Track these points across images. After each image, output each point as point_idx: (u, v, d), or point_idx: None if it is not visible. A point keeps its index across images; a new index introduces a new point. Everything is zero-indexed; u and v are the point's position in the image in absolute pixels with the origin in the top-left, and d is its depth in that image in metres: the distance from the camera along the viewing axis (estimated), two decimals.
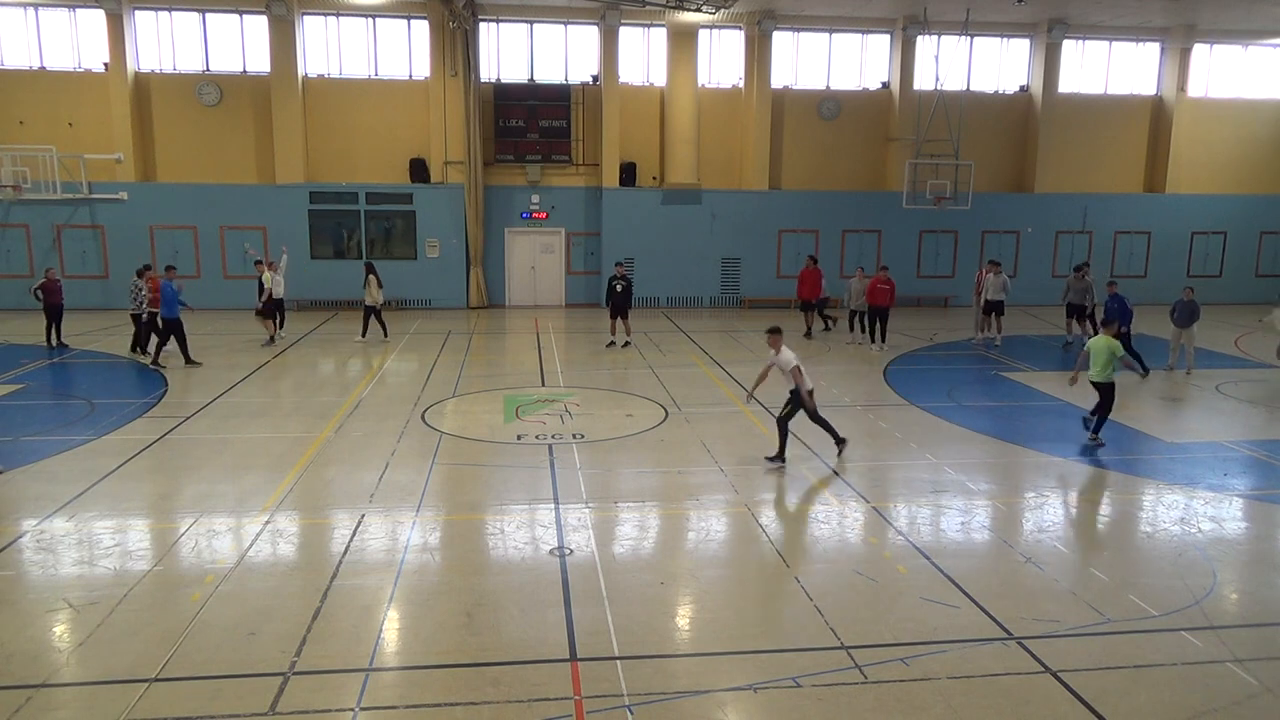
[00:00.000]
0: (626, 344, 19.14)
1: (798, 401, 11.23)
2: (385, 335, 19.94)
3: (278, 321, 19.75)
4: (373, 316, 19.68)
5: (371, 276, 19.54)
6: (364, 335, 19.69)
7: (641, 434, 12.79)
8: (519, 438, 12.50)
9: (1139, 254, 27.59)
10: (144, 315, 17.53)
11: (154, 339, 17.24)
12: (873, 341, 19.40)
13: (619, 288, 19.05)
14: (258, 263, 20.11)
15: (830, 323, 21.71)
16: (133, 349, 17.83)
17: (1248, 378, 17.04)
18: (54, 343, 18.47)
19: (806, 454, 11.86)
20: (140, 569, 8.11)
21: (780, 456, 11.31)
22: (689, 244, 25.56)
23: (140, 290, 17.51)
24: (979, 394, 15.85)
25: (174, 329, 16.64)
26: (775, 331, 11.45)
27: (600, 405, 14.40)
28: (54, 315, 18.43)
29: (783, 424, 11.37)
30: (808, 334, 20.85)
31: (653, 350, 19.12)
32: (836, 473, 11.11)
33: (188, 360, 16.76)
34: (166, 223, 24.00)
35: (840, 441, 11.62)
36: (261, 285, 19.12)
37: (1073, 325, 20.53)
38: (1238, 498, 10.47)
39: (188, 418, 13.31)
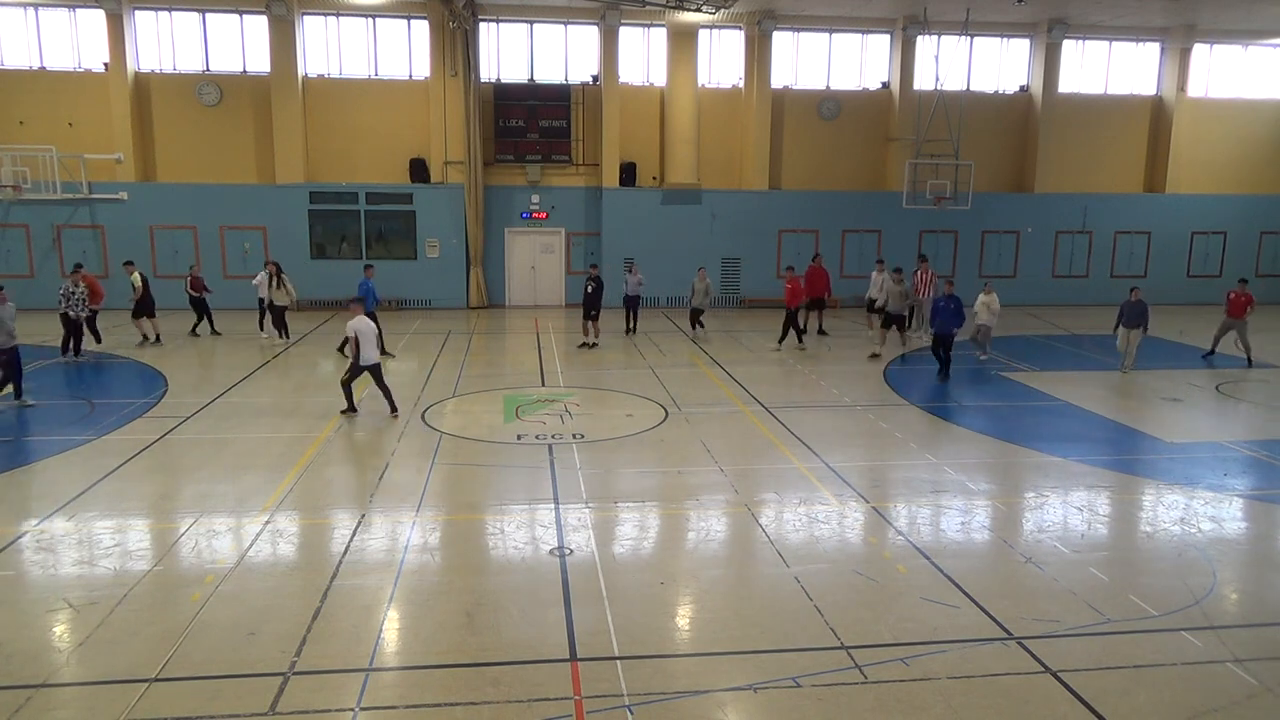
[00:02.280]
0: (594, 345, 19.12)
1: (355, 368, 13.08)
2: (285, 336, 19.45)
3: (284, 332, 19.68)
4: (270, 314, 19.38)
5: (284, 276, 19.18)
6: (287, 335, 19.46)
7: (641, 434, 12.79)
8: (519, 438, 12.50)
9: (1139, 254, 27.59)
10: (81, 314, 17.34)
11: (81, 336, 17.44)
12: (780, 342, 19.29)
13: (590, 288, 19.07)
14: (127, 263, 19.85)
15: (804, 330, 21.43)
16: (74, 351, 17.43)
17: (1248, 378, 17.04)
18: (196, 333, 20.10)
19: (807, 454, 11.86)
20: (140, 569, 8.11)
21: (353, 409, 13.32)
22: (689, 244, 25.55)
23: (73, 292, 17.25)
24: (979, 394, 15.84)
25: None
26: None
27: (600, 405, 14.40)
28: (200, 309, 19.98)
29: (345, 385, 13.28)
30: (801, 335, 19.72)
31: (653, 350, 19.12)
32: (836, 471, 11.11)
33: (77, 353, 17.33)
34: (166, 223, 24.01)
35: (392, 410, 13.30)
36: (133, 287, 19.00)
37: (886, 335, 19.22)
38: (1238, 498, 10.47)
39: (188, 418, 13.31)
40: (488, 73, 24.96)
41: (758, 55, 25.32)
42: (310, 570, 8.21)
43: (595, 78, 25.38)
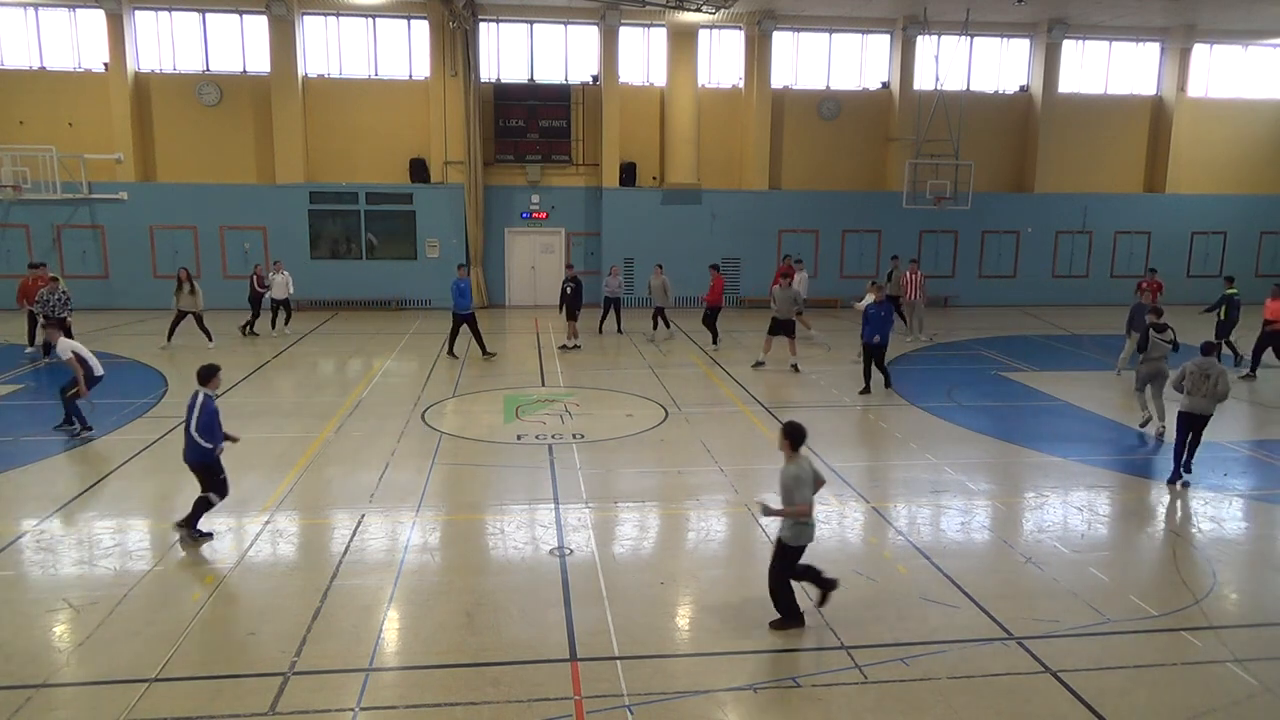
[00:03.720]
0: (576, 346, 19.04)
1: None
2: (211, 340, 18.67)
3: (285, 319, 20.52)
4: (184, 319, 18.76)
5: (195, 283, 18.72)
6: (212, 340, 18.62)
7: (641, 434, 12.79)
8: (519, 438, 12.50)
9: (1139, 254, 27.57)
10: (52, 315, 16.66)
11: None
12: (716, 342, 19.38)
13: (568, 289, 19.03)
14: (276, 263, 20.96)
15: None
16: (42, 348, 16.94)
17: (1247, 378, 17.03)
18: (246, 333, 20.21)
19: (806, 453, 11.83)
20: (140, 569, 8.11)
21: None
22: (689, 244, 25.54)
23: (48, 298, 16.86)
24: (979, 394, 15.83)
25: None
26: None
27: (600, 405, 14.40)
28: (257, 305, 20.13)
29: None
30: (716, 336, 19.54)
31: (653, 350, 19.12)
32: (836, 472, 11.11)
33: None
34: (166, 223, 24.00)
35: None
36: (257, 284, 20.06)
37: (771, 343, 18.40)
38: (1238, 498, 10.47)
39: None
40: (488, 73, 24.96)
41: (758, 55, 25.32)
42: (310, 570, 8.21)
43: (595, 78, 25.38)
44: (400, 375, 16.63)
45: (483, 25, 24.48)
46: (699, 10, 23.12)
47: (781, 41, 25.91)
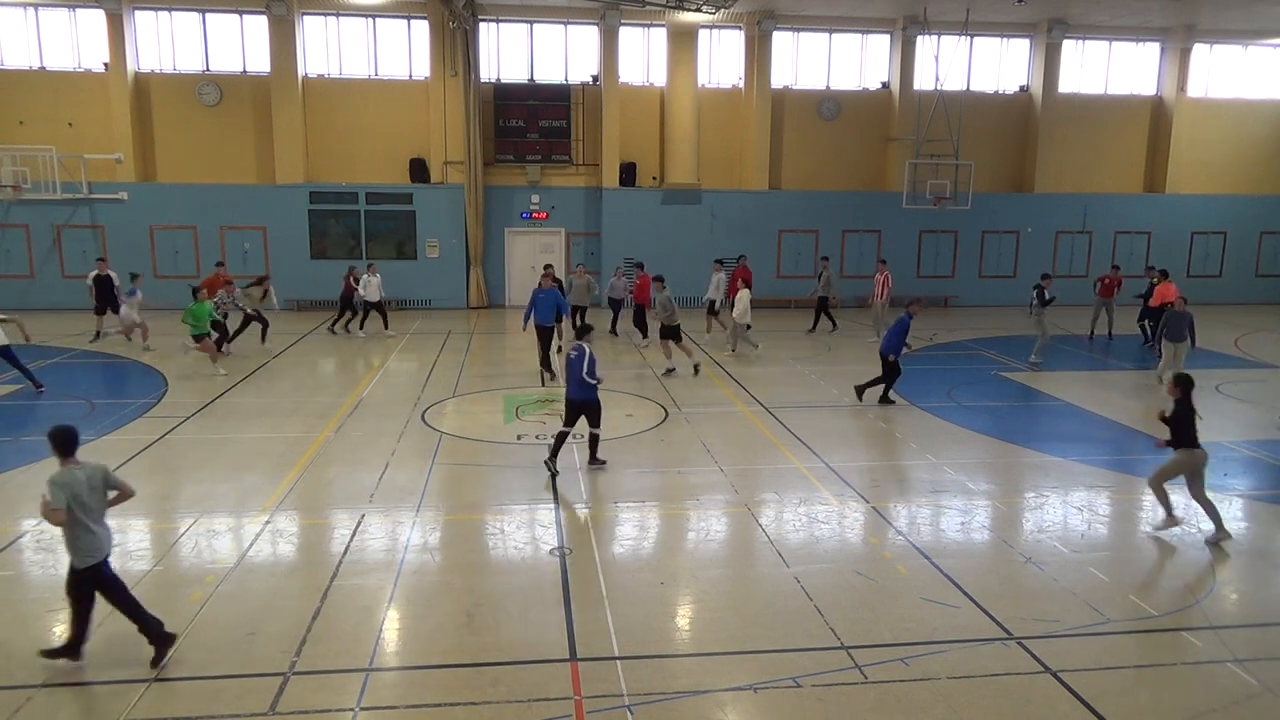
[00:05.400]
0: (559, 349, 18.74)
1: None
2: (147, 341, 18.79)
3: (383, 322, 20.68)
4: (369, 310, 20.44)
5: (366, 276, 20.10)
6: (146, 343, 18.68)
7: (641, 434, 12.79)
8: (519, 438, 12.50)
9: (1139, 254, 27.58)
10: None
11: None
12: (645, 337, 19.59)
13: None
14: (370, 264, 21.04)
15: (833, 323, 21.68)
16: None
17: (1247, 378, 17.04)
18: (336, 330, 20.66)
19: (807, 454, 11.86)
20: (140, 569, 8.11)
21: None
22: (689, 244, 25.54)
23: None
24: (979, 394, 15.84)
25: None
26: None
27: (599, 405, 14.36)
28: (348, 305, 20.49)
29: None
30: (646, 332, 19.77)
31: (653, 350, 19.10)
32: (836, 471, 11.11)
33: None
34: (166, 223, 24.00)
35: None
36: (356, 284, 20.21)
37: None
38: (1238, 498, 10.47)
39: (187, 418, 13.31)
40: (488, 73, 24.96)
41: (758, 55, 25.32)
42: (310, 570, 8.21)
43: (595, 78, 25.38)
44: (400, 375, 16.63)
45: (483, 25, 24.48)
46: (699, 10, 23.12)
47: (781, 41, 25.91)
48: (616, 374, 16.77)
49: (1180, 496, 9.42)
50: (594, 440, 11.10)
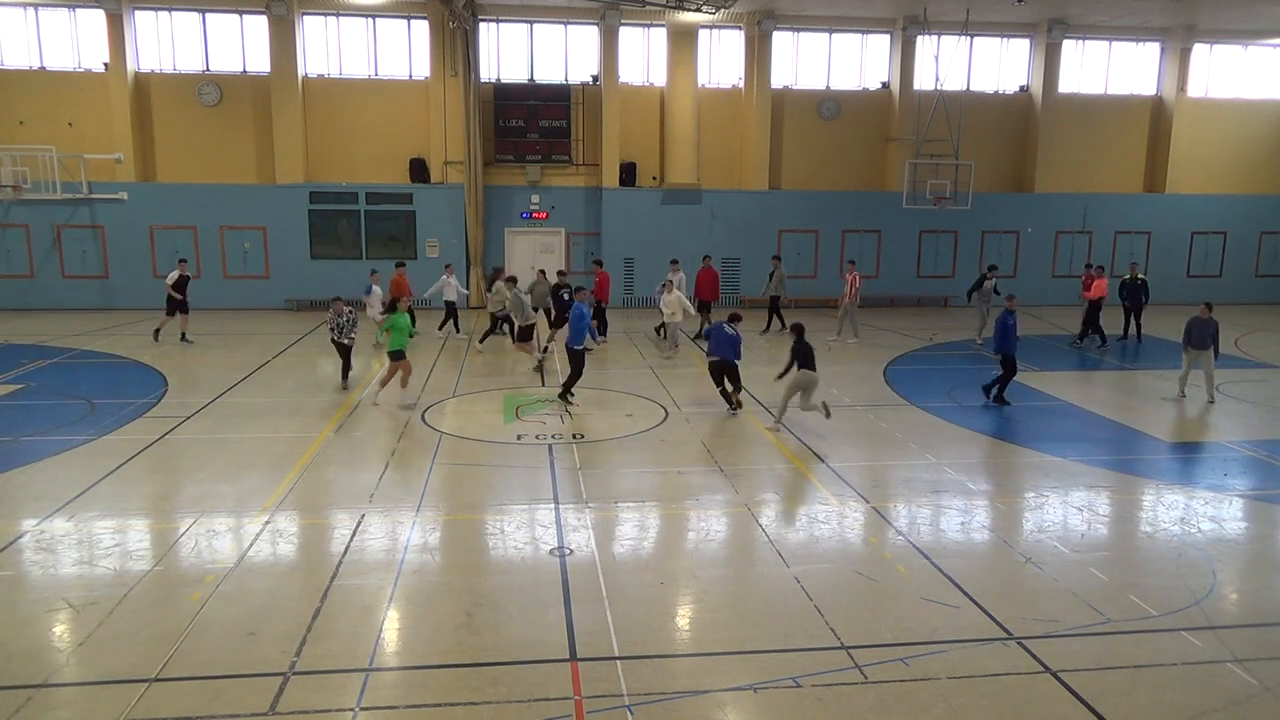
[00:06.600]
0: (547, 350, 18.36)
1: None
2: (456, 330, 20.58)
3: (454, 324, 20.63)
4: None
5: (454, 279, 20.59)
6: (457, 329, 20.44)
7: (641, 434, 12.79)
8: (519, 438, 12.50)
9: (1139, 254, 27.56)
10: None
11: None
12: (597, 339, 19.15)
13: (565, 295, 18.26)
14: (448, 266, 21.20)
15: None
16: None
17: (1248, 378, 17.04)
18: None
19: (807, 454, 11.86)
20: (140, 569, 8.11)
21: None
22: (689, 244, 25.49)
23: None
24: (979, 394, 15.82)
25: None
26: None
27: (600, 405, 14.40)
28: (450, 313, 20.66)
29: None
30: (604, 333, 19.63)
31: (653, 350, 19.11)
32: (836, 471, 11.11)
33: None
34: (166, 223, 23.99)
35: None
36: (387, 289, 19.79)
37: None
38: (1238, 498, 10.47)
39: (188, 418, 13.31)
40: (488, 73, 24.95)
41: (758, 55, 25.31)
42: (310, 570, 8.22)
43: (595, 78, 25.38)
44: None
45: (483, 25, 24.48)
46: (699, 10, 23.12)
47: (781, 41, 25.91)
48: (615, 375, 16.78)
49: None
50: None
